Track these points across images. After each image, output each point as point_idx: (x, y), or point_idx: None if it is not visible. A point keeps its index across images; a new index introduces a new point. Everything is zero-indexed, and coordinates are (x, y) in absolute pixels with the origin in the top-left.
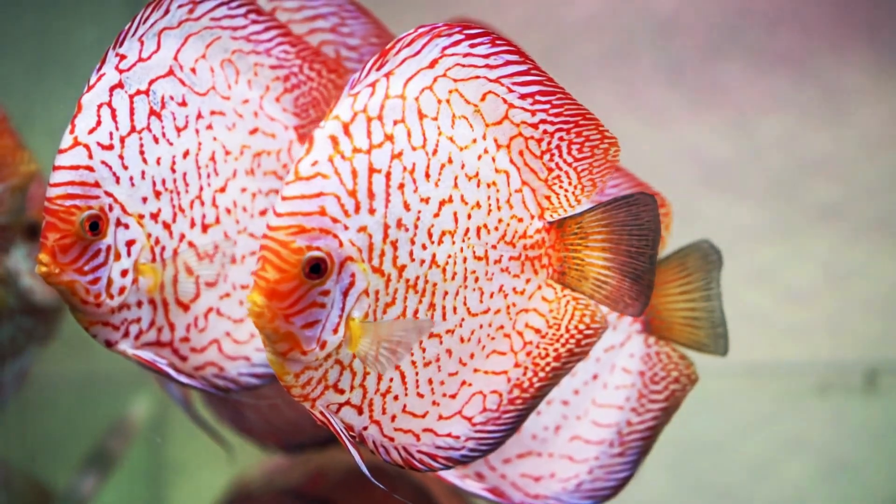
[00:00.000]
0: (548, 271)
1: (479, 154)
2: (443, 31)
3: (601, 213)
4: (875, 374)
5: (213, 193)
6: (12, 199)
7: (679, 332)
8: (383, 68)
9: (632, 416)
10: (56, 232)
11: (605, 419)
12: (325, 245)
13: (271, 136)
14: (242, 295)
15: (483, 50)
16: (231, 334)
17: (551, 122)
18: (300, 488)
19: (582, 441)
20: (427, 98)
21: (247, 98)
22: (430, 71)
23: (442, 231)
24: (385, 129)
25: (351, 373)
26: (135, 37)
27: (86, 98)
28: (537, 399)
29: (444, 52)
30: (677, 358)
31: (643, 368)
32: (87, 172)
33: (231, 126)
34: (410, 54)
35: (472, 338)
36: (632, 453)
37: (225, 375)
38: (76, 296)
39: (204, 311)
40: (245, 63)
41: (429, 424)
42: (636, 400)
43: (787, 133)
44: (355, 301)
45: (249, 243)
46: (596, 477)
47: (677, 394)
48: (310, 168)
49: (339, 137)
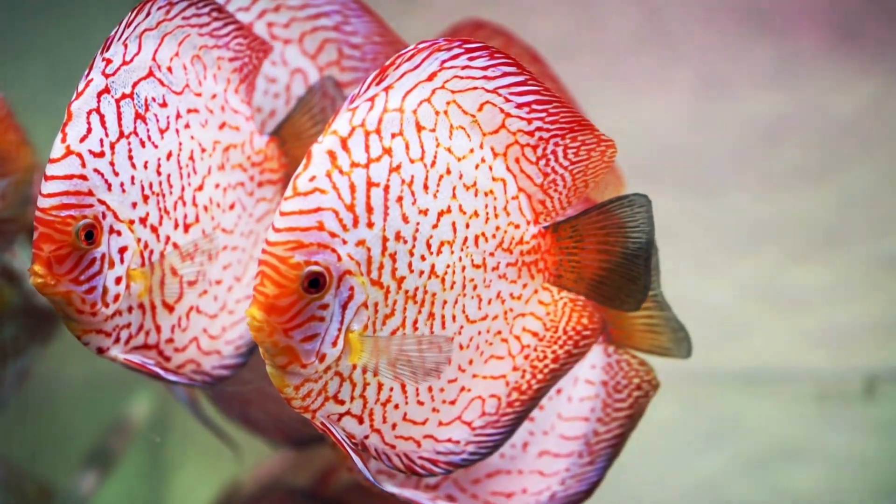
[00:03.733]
0: (544, 275)
1: (477, 163)
2: (442, 46)
3: (596, 215)
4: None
5: (193, 192)
6: (16, 193)
7: (640, 339)
8: (383, 83)
9: (598, 427)
10: (51, 243)
11: (572, 432)
12: (324, 260)
13: (236, 129)
14: (217, 291)
15: (481, 62)
16: (207, 330)
17: (547, 129)
18: (310, 488)
19: (551, 455)
20: (425, 110)
21: (214, 93)
22: (429, 83)
23: (441, 242)
24: (383, 143)
25: (351, 384)
26: (120, 41)
27: (75, 105)
28: (535, 401)
29: (443, 66)
30: (637, 365)
31: (606, 378)
32: (80, 181)
33: (204, 123)
34: (410, 68)
35: (471, 344)
36: (601, 460)
37: (201, 370)
38: (71, 306)
39: (186, 310)
40: (210, 57)
41: (429, 431)
42: (601, 410)
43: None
44: (354, 314)
45: (222, 238)
46: (568, 486)
47: (641, 401)
48: (308, 183)
49: (336, 152)
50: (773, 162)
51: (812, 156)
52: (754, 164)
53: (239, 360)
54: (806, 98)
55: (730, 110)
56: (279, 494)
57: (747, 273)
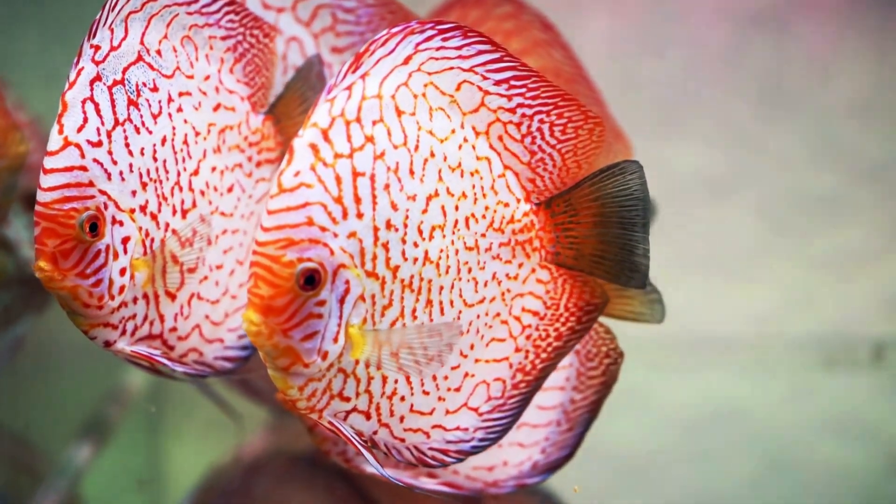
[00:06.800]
0: (540, 254)
1: (460, 143)
2: (416, 29)
3: (588, 187)
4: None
5: (189, 177)
6: (6, 179)
7: (612, 306)
8: (358, 70)
9: (574, 395)
10: (55, 237)
11: (549, 402)
12: (317, 255)
13: (231, 110)
14: (218, 276)
15: (455, 42)
16: (209, 316)
17: (529, 106)
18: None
19: (529, 426)
20: (403, 94)
21: (207, 74)
22: (405, 67)
23: (431, 226)
24: (364, 131)
25: (355, 379)
26: (105, 26)
27: (69, 95)
28: (541, 381)
29: (418, 48)
30: (604, 333)
31: (578, 347)
32: (80, 173)
33: (197, 105)
34: (385, 54)
35: (471, 328)
36: (580, 426)
37: (203, 360)
38: (78, 300)
39: (187, 297)
40: (201, 37)
41: (437, 420)
42: (576, 378)
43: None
44: (352, 307)
45: (221, 222)
46: (549, 454)
47: (612, 368)
48: (293, 179)
49: (319, 145)
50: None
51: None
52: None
53: (241, 352)
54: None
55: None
56: (281, 461)
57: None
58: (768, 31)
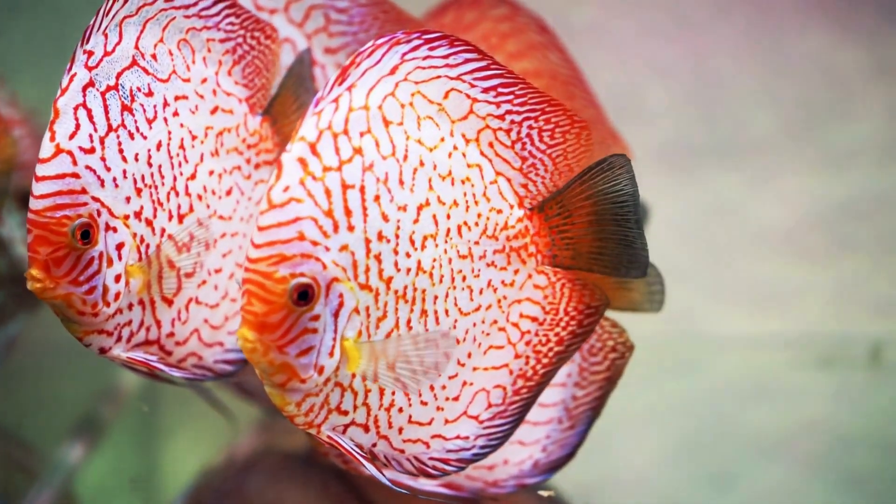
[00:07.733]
0: (536, 259)
1: (449, 152)
2: (402, 39)
3: (578, 186)
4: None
5: (185, 182)
6: None
7: (612, 297)
8: (345, 82)
9: (576, 391)
10: (47, 245)
11: (550, 399)
12: (309, 270)
13: (229, 113)
14: (217, 280)
15: (442, 51)
16: (209, 320)
17: (518, 112)
18: (305, 453)
19: (530, 424)
20: (390, 104)
21: (204, 77)
22: (391, 77)
23: (423, 236)
24: (353, 143)
25: (352, 393)
26: (99, 31)
27: (61, 101)
28: (543, 386)
29: (404, 58)
30: (610, 327)
31: None
32: (73, 180)
33: (194, 109)
34: (371, 65)
35: (468, 337)
36: (582, 424)
37: (203, 364)
38: (72, 308)
39: (185, 302)
40: (199, 40)
41: (436, 430)
42: (578, 375)
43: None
44: (347, 321)
45: (220, 225)
46: (550, 452)
47: (618, 362)
48: (282, 194)
49: (307, 159)
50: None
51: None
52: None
53: (241, 354)
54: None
55: None
56: (274, 460)
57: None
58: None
